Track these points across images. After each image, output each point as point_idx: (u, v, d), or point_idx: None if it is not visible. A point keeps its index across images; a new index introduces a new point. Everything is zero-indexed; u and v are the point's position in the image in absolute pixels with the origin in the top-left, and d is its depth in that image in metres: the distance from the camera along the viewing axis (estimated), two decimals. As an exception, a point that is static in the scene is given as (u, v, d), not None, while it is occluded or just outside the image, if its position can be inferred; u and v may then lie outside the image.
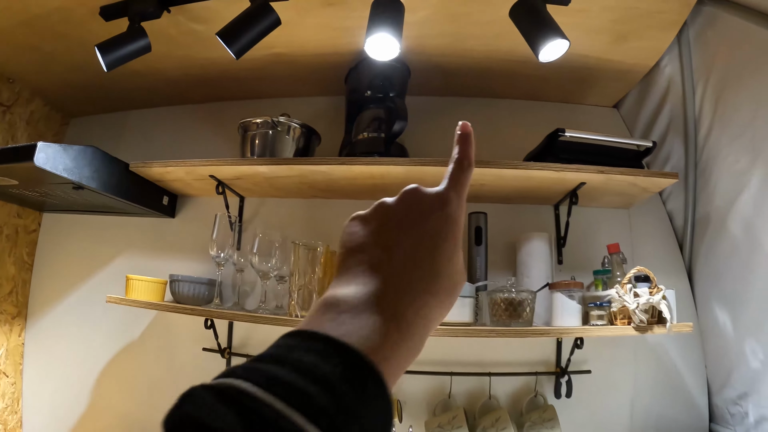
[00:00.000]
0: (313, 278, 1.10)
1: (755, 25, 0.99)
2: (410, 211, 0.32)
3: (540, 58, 0.98)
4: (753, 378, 1.18)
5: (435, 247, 0.31)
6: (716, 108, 1.19)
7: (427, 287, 0.29)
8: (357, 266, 0.30)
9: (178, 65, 1.32)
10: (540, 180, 1.15)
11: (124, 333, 1.37)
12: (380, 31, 0.96)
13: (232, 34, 1.03)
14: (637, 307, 1.08)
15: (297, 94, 1.46)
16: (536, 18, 0.98)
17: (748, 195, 1.13)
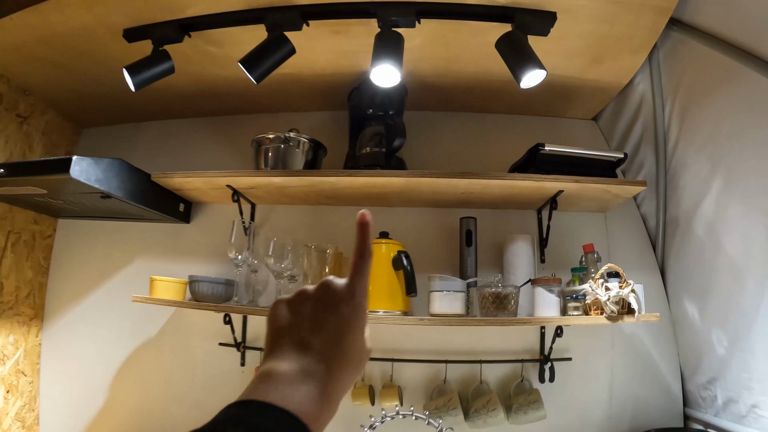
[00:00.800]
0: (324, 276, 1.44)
1: (714, 51, 1.30)
2: (327, 299, 0.45)
3: (521, 85, 1.32)
4: (720, 364, 1.52)
5: (347, 330, 0.44)
6: (682, 123, 1.53)
7: (343, 363, 0.43)
8: (286, 344, 0.43)
9: (191, 81, 1.64)
10: (522, 189, 1.48)
11: (140, 332, 1.68)
12: (383, 63, 1.29)
13: (253, 62, 1.35)
14: (608, 299, 1.43)
15: (303, 109, 1.80)
16: (518, 51, 1.31)
17: (710, 200, 1.48)
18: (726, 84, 1.32)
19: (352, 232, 1.43)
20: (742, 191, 1.35)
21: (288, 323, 0.45)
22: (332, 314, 0.45)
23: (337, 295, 0.46)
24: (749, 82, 1.22)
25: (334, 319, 0.44)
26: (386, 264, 1.41)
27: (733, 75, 1.26)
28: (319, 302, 0.46)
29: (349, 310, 0.45)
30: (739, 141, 1.32)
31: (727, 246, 1.44)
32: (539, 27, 1.33)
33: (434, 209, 1.72)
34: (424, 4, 1.32)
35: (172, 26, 1.41)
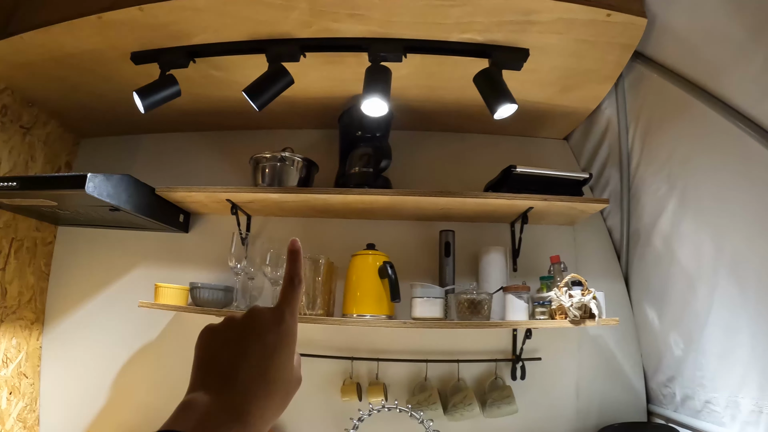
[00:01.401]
0: (317, 284, 1.77)
1: (671, 84, 1.58)
2: (253, 327, 0.49)
3: (495, 116, 1.65)
4: (677, 364, 1.82)
5: (273, 357, 0.48)
6: (643, 146, 1.86)
7: (267, 392, 0.46)
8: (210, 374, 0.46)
9: (194, 100, 1.93)
10: (496, 206, 1.82)
11: (140, 336, 1.97)
12: (373, 96, 1.61)
13: (255, 91, 1.65)
14: (571, 305, 1.79)
15: (297, 127, 2.11)
16: (493, 86, 1.63)
17: (666, 216, 1.81)
18: (680, 114, 1.59)
19: (342, 242, 1.78)
20: (693, 210, 1.64)
21: (213, 352, 0.48)
22: (257, 343, 0.48)
23: (264, 322, 0.50)
24: (700, 114, 1.47)
25: (259, 348, 0.48)
26: (373, 273, 1.74)
27: (687, 107, 1.51)
28: (245, 330, 0.49)
29: (276, 338, 0.49)
30: (690, 166, 1.61)
31: (680, 257, 1.77)
32: (513, 63, 1.66)
33: (417, 222, 2.04)
34: (411, 41, 1.63)
35: (180, 52, 1.67)
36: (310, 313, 1.74)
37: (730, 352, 1.55)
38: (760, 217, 1.39)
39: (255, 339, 0.49)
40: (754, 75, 1.30)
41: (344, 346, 1.93)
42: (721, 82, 1.43)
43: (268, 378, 0.47)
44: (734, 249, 1.49)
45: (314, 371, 1.92)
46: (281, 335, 0.50)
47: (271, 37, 1.66)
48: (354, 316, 1.72)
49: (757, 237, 1.41)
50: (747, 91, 1.34)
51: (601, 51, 1.67)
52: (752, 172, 1.39)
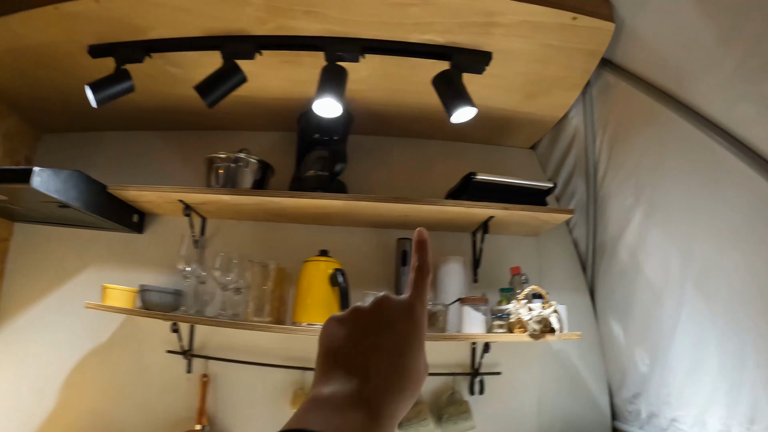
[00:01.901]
0: (265, 291, 1.56)
1: (639, 91, 1.42)
2: (383, 318, 0.42)
3: (452, 120, 1.45)
4: (642, 380, 1.65)
5: (405, 349, 0.41)
6: (610, 156, 1.66)
7: (399, 385, 0.39)
8: (338, 367, 0.40)
9: (152, 97, 1.73)
10: (455, 214, 1.60)
11: (92, 338, 1.75)
12: (326, 96, 1.41)
13: (206, 88, 1.46)
14: (530, 319, 1.57)
15: (256, 129, 1.90)
16: (451, 89, 1.44)
17: (632, 228, 1.61)
18: (648, 123, 1.44)
19: (297, 248, 1.55)
20: (660, 221, 1.48)
21: (340, 344, 0.42)
22: (389, 334, 0.42)
23: (395, 313, 0.44)
24: (667, 121, 1.34)
25: (391, 340, 0.42)
26: (325, 280, 1.53)
27: (655, 115, 1.38)
28: (375, 321, 0.43)
29: (407, 329, 0.43)
30: (657, 175, 1.45)
31: (646, 270, 1.58)
32: (475, 66, 1.46)
33: (375, 230, 1.82)
34: (369, 41, 1.43)
35: (136, 47, 1.49)
36: (256, 320, 1.53)
37: (697, 369, 1.40)
38: (729, 227, 1.23)
39: (387, 330, 0.42)
40: (724, 81, 1.15)
41: (297, 355, 1.70)
42: (691, 90, 1.27)
43: (400, 371, 0.40)
44: (702, 261, 1.34)
45: (265, 381, 1.69)
46: (413, 326, 0.43)
47: (227, 33, 1.48)
48: (303, 324, 1.51)
49: (726, 248, 1.25)
50: (717, 99, 1.19)
51: (568, 57, 1.48)
52: (721, 180, 1.22)
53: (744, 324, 1.22)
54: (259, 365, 1.68)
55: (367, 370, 0.39)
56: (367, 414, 0.36)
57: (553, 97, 1.65)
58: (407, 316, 0.44)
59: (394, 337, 0.42)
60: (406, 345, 0.42)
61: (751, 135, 1.13)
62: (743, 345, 1.23)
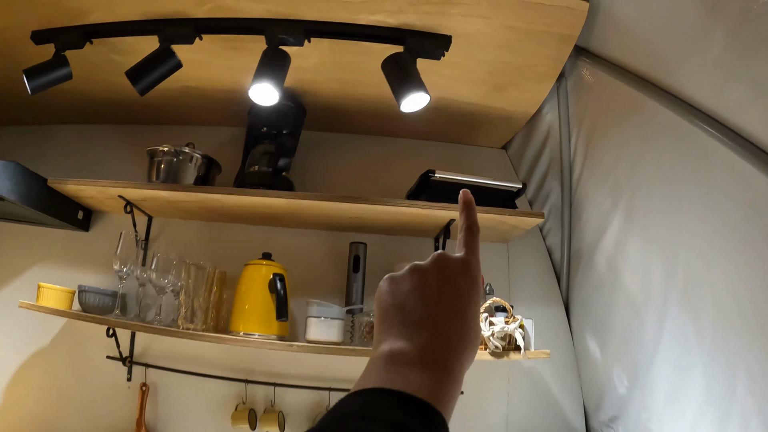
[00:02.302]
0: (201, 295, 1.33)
1: (618, 80, 1.18)
2: (443, 274, 0.39)
3: (402, 108, 1.21)
4: (621, 402, 1.37)
5: (466, 305, 0.38)
6: (587, 153, 1.40)
7: (463, 340, 0.36)
8: (403, 322, 0.36)
9: (100, 88, 1.52)
10: (412, 216, 1.35)
11: (34, 340, 1.54)
12: (263, 81, 1.19)
13: (138, 74, 1.26)
14: (492, 335, 1.32)
15: (207, 123, 1.67)
16: (400, 71, 1.20)
17: (610, 234, 1.35)
18: (628, 115, 1.20)
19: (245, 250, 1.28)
20: (641, 227, 1.22)
21: (403, 300, 0.38)
22: (450, 291, 0.38)
23: (454, 268, 0.40)
24: (648, 112, 1.11)
25: (452, 296, 0.38)
26: (264, 286, 1.29)
27: (636, 106, 1.15)
28: (436, 278, 0.39)
29: (467, 284, 0.39)
30: (638, 174, 1.20)
31: (626, 281, 1.31)
32: (432, 51, 1.22)
33: (327, 232, 1.58)
34: (313, 23, 1.21)
35: (75, 32, 1.30)
36: (186, 327, 1.30)
37: (680, 393, 1.15)
38: (718, 231, 0.96)
39: (448, 287, 0.38)
40: (712, 61, 0.90)
41: (241, 366, 1.45)
42: (676, 74, 1.02)
43: (463, 328, 0.37)
44: (687, 271, 1.08)
45: (206, 393, 1.45)
46: (471, 281, 0.40)
47: (166, 16, 1.28)
48: (240, 334, 1.28)
49: (715, 256, 0.99)
50: (704, 81, 0.95)
51: (537, 42, 1.23)
52: (709, 175, 0.96)
53: (734, 345, 0.96)
54: (201, 376, 1.45)
55: (434, 326, 0.36)
56: (439, 369, 0.33)
57: (524, 89, 1.40)
58: (465, 274, 0.40)
59: (455, 295, 0.39)
60: (466, 302, 0.39)
61: (744, 121, 0.87)
62: (733, 369, 0.97)
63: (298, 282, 1.41)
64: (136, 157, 1.61)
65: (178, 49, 1.27)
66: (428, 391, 0.31)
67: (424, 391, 0.30)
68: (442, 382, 0.33)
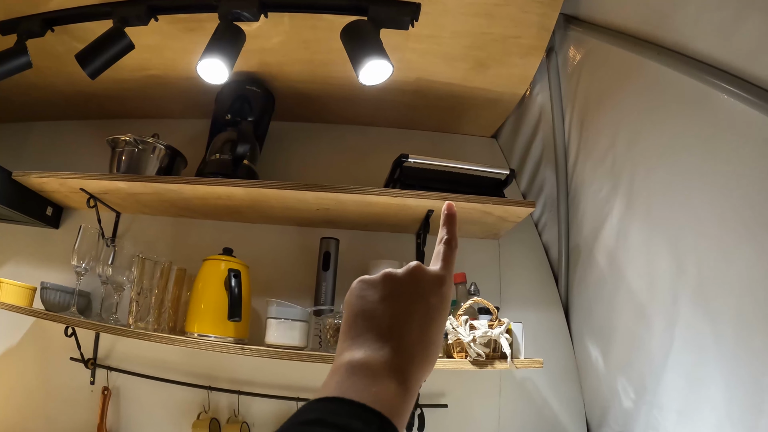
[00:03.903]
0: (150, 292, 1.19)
1: (614, 46, 1.01)
2: (417, 287, 0.37)
3: (360, 79, 1.04)
4: (626, 418, 1.16)
5: (434, 320, 0.37)
6: (581, 133, 1.19)
7: (426, 354, 0.35)
8: (370, 330, 0.35)
9: (68, 81, 1.41)
10: (385, 206, 1.17)
11: (4, 338, 1.43)
12: (211, 56, 1.05)
13: (87, 57, 1.14)
14: (473, 341, 1.11)
15: (176, 116, 1.55)
16: (358, 38, 1.03)
17: (610, 225, 1.14)
18: (624, 81, 1.01)
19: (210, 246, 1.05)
20: (644, 211, 1.01)
21: (373, 307, 0.36)
22: (422, 304, 0.37)
23: (428, 283, 0.38)
24: (648, 74, 0.92)
25: (423, 310, 0.37)
26: (222, 284, 1.14)
27: (633, 70, 0.98)
28: (410, 289, 0.37)
29: (438, 300, 0.38)
30: (638, 149, 1.00)
31: (629, 279, 1.09)
32: (397, 19, 1.05)
33: (297, 228, 1.40)
34: (270, -5, 1.08)
35: (35, 20, 1.21)
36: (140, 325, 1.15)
37: (694, 409, 0.92)
38: (737, 211, 0.74)
39: (420, 300, 0.37)
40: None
41: (203, 372, 1.29)
42: (675, 23, 0.83)
43: (428, 340, 0.36)
44: (701, 264, 0.86)
45: (169, 398, 1.28)
46: (443, 298, 0.38)
47: None
48: (194, 335, 1.12)
49: (734, 243, 0.77)
50: (709, 27, 0.75)
51: (518, 8, 1.06)
52: (723, 142, 0.76)
53: (761, 350, 0.74)
54: (163, 381, 1.29)
55: (400, 338, 0.35)
56: (399, 383, 0.32)
57: (509, 65, 1.21)
58: (438, 291, 0.38)
59: (426, 308, 0.37)
60: (435, 317, 0.37)
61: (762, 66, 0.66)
62: (759, 380, 0.75)
63: (265, 281, 1.25)
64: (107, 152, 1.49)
65: (136, 34, 1.16)
66: (389, 404, 0.30)
67: (386, 404, 0.30)
68: (402, 396, 0.32)
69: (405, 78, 1.25)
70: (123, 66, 1.19)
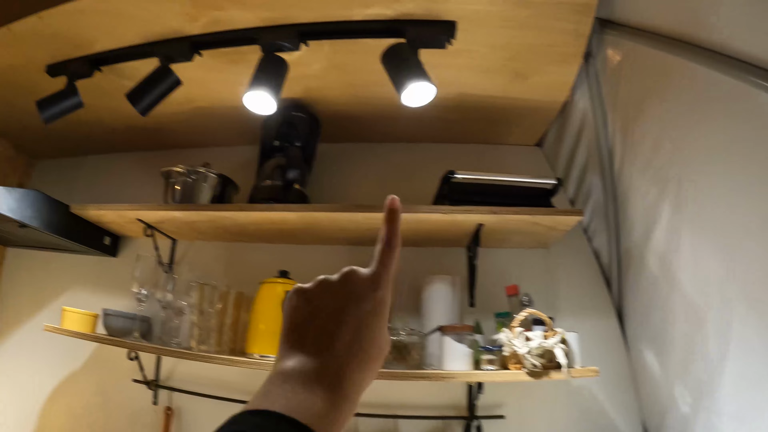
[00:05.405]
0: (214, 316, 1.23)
1: (653, 49, 1.01)
2: (350, 292, 0.37)
3: (403, 101, 1.06)
4: (684, 424, 1.15)
5: (369, 325, 0.36)
6: (626, 138, 1.19)
7: (362, 361, 0.35)
8: (303, 339, 0.35)
9: (117, 116, 1.49)
10: (435, 223, 1.20)
11: (66, 364, 1.52)
12: (258, 89, 1.08)
13: (137, 95, 1.20)
14: (528, 352, 1.11)
15: (223, 144, 1.62)
16: (399, 61, 1.05)
17: (660, 229, 1.13)
18: (666, 84, 1.01)
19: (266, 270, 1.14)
20: (694, 212, 1.00)
21: (305, 317, 0.37)
22: (354, 308, 0.37)
23: (360, 287, 0.38)
24: (691, 77, 0.91)
25: (355, 314, 0.36)
26: (279, 305, 1.18)
27: (673, 72, 0.96)
28: (341, 294, 0.37)
29: (373, 305, 0.37)
30: (686, 151, 0.99)
31: (682, 282, 1.08)
32: (435, 39, 1.08)
33: (348, 247, 1.44)
34: (306, 25, 1.11)
35: (82, 61, 1.30)
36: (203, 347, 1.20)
37: (751, 414, 0.92)
38: None
39: (352, 305, 0.37)
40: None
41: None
42: (711, 21, 0.83)
43: (364, 345, 0.36)
44: (754, 266, 0.84)
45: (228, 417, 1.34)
46: (378, 301, 0.38)
47: (164, 37, 1.24)
48: (255, 356, 1.16)
49: None
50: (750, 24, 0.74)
51: (551, 17, 1.07)
52: None
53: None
54: (224, 400, 1.34)
55: (331, 345, 0.35)
56: (332, 390, 0.32)
57: (548, 74, 1.22)
58: (373, 292, 0.38)
59: (359, 312, 0.37)
60: (370, 320, 0.37)
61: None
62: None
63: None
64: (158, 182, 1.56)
65: (182, 69, 1.22)
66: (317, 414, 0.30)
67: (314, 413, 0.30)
68: (335, 404, 0.32)
69: (445, 94, 1.27)
70: (170, 99, 1.26)
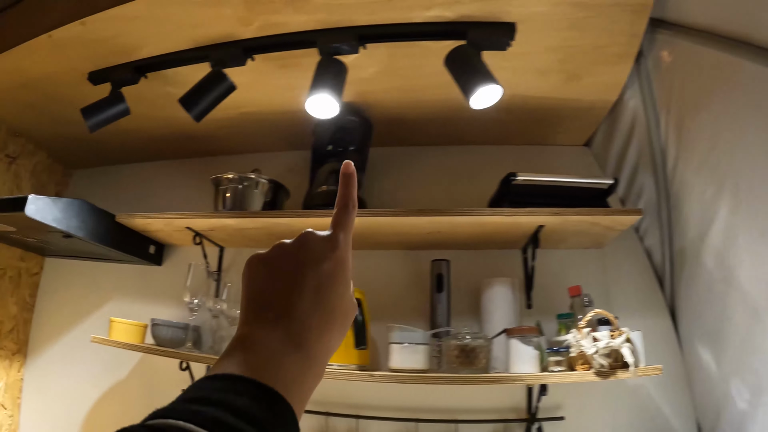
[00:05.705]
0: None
1: (708, 48, 1.01)
2: (308, 255, 0.36)
3: (472, 104, 1.06)
4: (741, 420, 1.15)
5: (329, 287, 0.36)
6: (680, 137, 1.20)
7: (326, 323, 0.35)
8: (264, 306, 0.34)
9: (160, 124, 1.49)
10: (496, 225, 1.20)
11: (112, 373, 1.51)
12: (320, 92, 1.08)
13: (191, 100, 1.18)
14: (596, 352, 1.11)
15: (272, 149, 1.60)
16: (466, 65, 1.05)
17: (717, 227, 1.13)
18: (721, 84, 1.01)
19: None
20: (752, 211, 1.01)
21: (263, 285, 0.36)
22: (313, 271, 0.36)
23: (319, 249, 0.37)
24: (746, 76, 0.92)
25: (315, 277, 0.36)
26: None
27: (727, 71, 0.96)
28: (299, 258, 0.36)
29: (331, 265, 0.37)
30: (742, 150, 1.00)
31: (741, 280, 1.08)
32: (496, 41, 1.08)
33: (404, 252, 1.44)
34: (366, 28, 1.10)
35: (127, 68, 1.29)
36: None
37: None
38: None
39: (310, 267, 0.36)
40: None
41: (318, 399, 1.32)
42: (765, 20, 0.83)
43: (326, 307, 0.35)
44: None
45: None
46: (337, 262, 0.37)
47: (215, 41, 1.23)
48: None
49: None
50: None
51: (607, 19, 1.07)
52: None
53: None
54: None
55: (292, 309, 0.34)
56: (294, 348, 0.32)
57: (600, 75, 1.22)
58: (330, 252, 0.37)
59: (318, 274, 0.36)
60: (330, 282, 0.36)
61: None
62: None
63: (378, 306, 1.28)
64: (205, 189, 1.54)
65: (230, 73, 1.20)
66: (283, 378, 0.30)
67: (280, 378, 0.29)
68: (302, 367, 0.32)
69: (500, 96, 1.27)
70: (217, 105, 1.23)
